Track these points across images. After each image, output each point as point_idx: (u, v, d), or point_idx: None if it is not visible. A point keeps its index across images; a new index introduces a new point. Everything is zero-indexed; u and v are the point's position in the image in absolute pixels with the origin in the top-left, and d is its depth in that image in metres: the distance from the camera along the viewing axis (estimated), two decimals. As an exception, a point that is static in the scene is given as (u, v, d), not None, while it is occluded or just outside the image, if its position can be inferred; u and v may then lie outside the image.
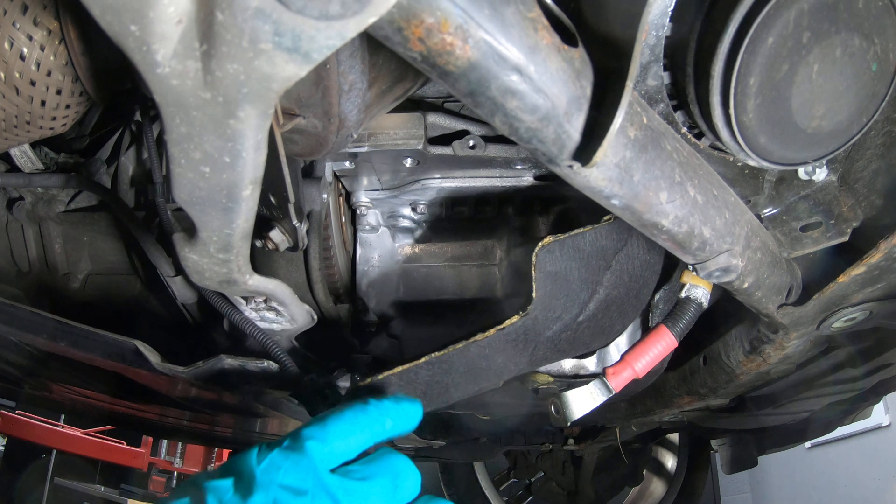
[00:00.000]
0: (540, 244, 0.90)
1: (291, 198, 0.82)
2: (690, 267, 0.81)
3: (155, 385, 1.43)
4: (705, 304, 0.95)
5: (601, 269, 0.93)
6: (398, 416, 0.70)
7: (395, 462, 0.67)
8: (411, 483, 0.68)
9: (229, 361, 1.05)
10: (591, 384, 1.00)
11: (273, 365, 1.04)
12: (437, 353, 0.89)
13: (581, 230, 0.91)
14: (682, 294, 0.96)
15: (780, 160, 0.73)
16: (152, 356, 1.04)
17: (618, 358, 1.02)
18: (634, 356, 0.97)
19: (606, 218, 0.91)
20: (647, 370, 0.97)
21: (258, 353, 1.05)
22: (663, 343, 0.96)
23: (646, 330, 1.09)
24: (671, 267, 1.03)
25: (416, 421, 0.72)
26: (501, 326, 0.90)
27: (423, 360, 0.89)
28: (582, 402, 1.00)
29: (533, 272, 0.90)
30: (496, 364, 0.94)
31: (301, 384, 0.97)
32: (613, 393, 0.99)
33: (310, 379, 0.96)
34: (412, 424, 0.72)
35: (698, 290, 0.95)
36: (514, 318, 0.91)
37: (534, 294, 0.90)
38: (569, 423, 1.03)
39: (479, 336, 0.89)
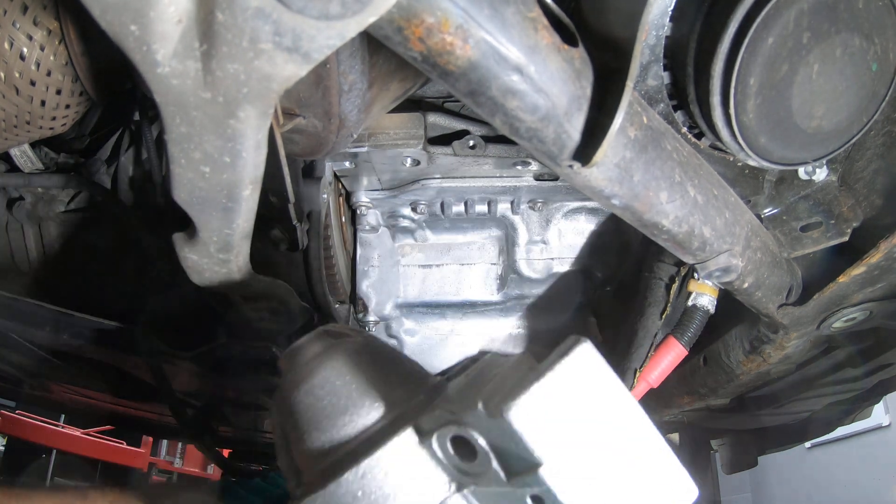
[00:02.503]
0: None
1: (291, 198, 0.81)
2: (697, 276, 0.81)
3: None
4: (711, 309, 0.96)
5: None
6: None
7: None
8: None
9: (233, 345, 1.05)
10: None
11: (275, 349, 1.05)
12: None
13: None
14: (689, 302, 0.96)
15: (781, 160, 0.73)
16: (156, 342, 1.04)
17: (632, 371, 1.03)
18: (648, 369, 0.98)
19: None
20: (660, 381, 0.99)
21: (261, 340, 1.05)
22: (674, 353, 0.97)
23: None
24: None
25: None
26: None
27: None
28: None
29: None
30: None
31: None
32: None
33: None
34: None
35: (704, 298, 0.95)
36: None
37: None
38: None
39: None
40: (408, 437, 0.50)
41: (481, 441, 0.49)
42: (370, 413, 0.55)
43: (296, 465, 0.56)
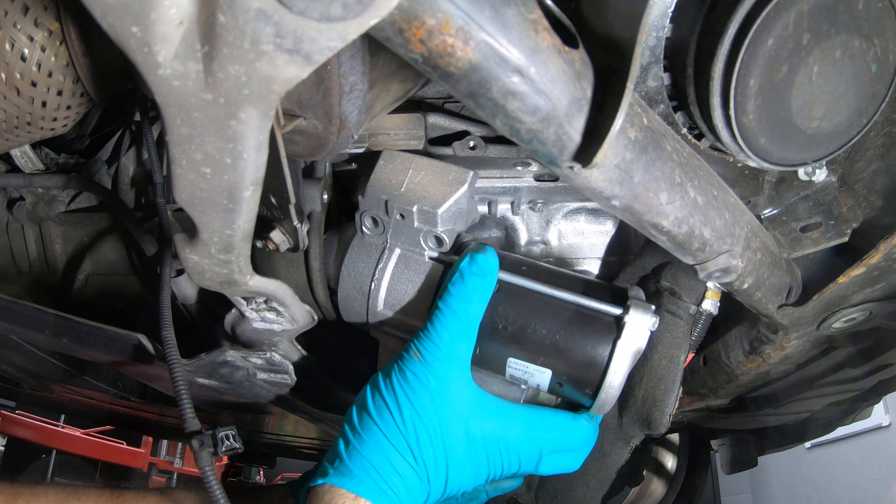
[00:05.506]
0: None
1: (292, 198, 0.82)
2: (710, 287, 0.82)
3: (156, 383, 1.43)
4: (715, 312, 0.97)
5: None
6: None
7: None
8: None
9: (232, 353, 1.05)
10: None
11: (275, 356, 1.04)
12: None
13: None
14: None
15: (780, 161, 0.73)
16: (155, 349, 1.04)
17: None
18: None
19: None
20: None
21: (260, 346, 1.05)
22: None
23: None
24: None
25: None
26: None
27: None
28: None
29: None
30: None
31: None
32: None
33: None
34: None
35: (707, 302, 0.96)
36: None
37: None
38: None
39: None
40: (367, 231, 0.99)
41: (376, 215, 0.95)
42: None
43: None
